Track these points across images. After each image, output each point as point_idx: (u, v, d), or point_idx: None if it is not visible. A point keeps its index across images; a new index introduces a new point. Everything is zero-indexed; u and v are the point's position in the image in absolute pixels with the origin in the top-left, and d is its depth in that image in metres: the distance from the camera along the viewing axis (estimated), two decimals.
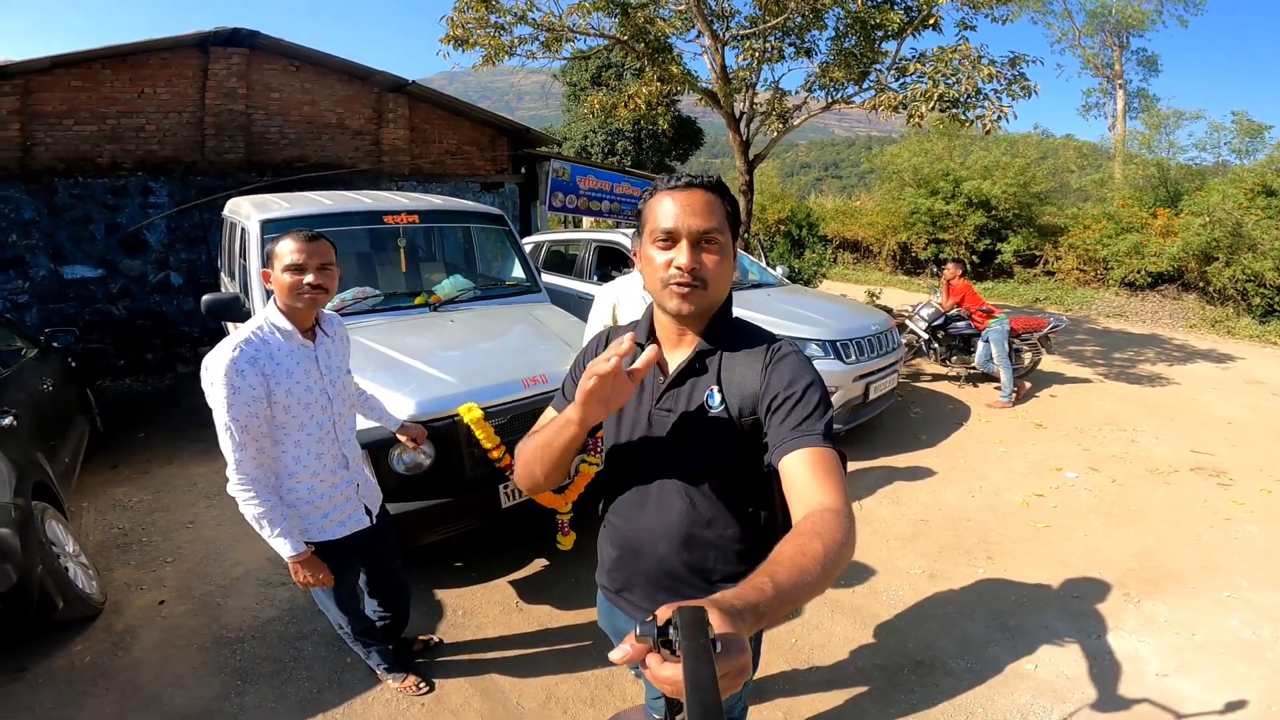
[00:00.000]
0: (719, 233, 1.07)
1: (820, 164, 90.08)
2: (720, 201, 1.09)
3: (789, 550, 0.82)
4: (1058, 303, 12.19)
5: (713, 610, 0.61)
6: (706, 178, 1.10)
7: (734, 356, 1.13)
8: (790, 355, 1.12)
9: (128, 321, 6.57)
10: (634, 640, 0.61)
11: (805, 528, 0.86)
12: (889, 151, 16.61)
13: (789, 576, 0.76)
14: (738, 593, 0.70)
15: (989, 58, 5.93)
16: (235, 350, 1.61)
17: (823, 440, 1.00)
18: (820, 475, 0.96)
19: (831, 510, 0.90)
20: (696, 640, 0.56)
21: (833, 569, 0.81)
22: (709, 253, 1.07)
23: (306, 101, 7.53)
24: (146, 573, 3.01)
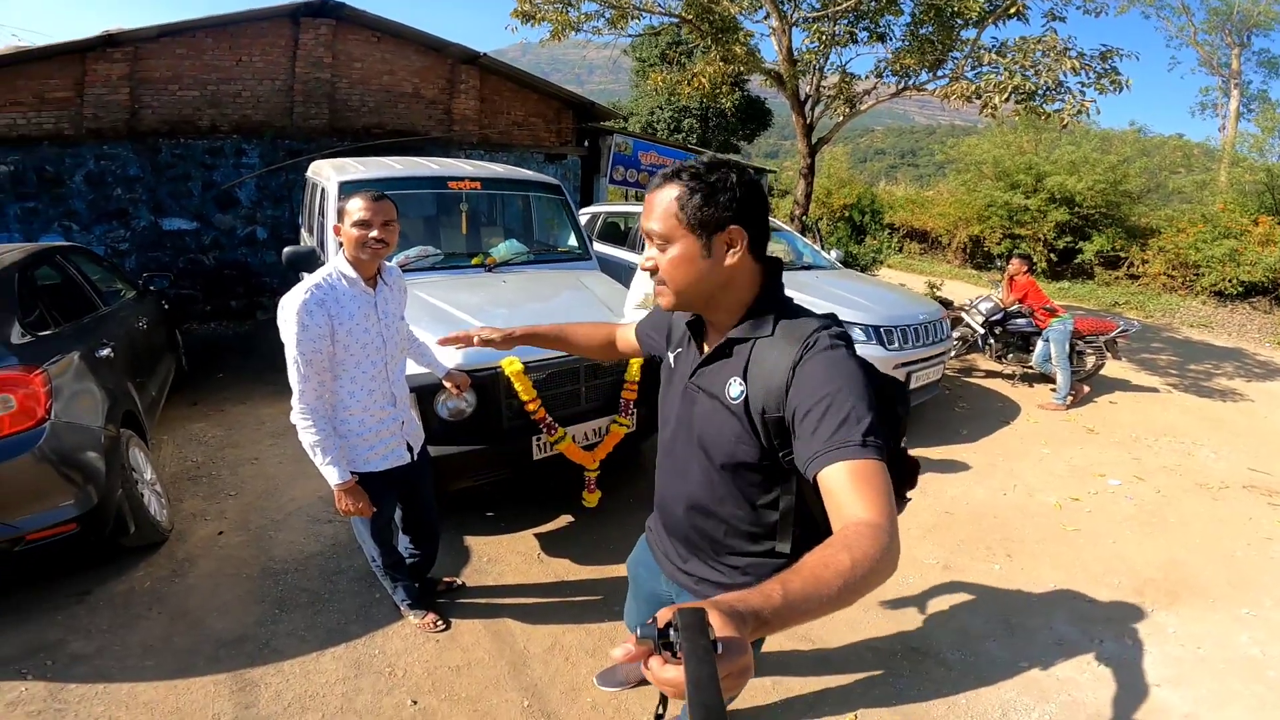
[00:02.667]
0: (663, 234, 1.07)
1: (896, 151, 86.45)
2: (673, 200, 1.05)
3: (813, 561, 0.79)
4: (1138, 308, 11.51)
5: (713, 612, 0.62)
6: (669, 174, 1.07)
7: (767, 347, 1.07)
8: (822, 354, 1.02)
9: (216, 271, 7.17)
10: (635, 642, 0.62)
11: (837, 540, 0.83)
12: (968, 142, 15.91)
13: (803, 587, 0.74)
14: (742, 596, 0.70)
15: (1076, 50, 5.64)
16: (307, 293, 1.83)
17: (860, 450, 0.93)
18: (859, 488, 0.90)
19: (868, 524, 0.85)
20: (697, 642, 0.56)
21: (860, 585, 0.78)
22: (662, 251, 1.08)
23: (386, 71, 7.90)
24: (211, 504, 3.31)
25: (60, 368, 2.52)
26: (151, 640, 2.34)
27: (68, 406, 2.44)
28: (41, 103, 6.18)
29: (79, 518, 2.34)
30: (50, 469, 2.29)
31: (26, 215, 6.20)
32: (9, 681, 2.12)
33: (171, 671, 2.19)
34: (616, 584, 2.82)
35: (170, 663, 2.24)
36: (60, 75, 6.22)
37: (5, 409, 2.21)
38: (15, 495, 2.23)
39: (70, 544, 2.36)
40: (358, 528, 2.24)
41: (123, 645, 2.30)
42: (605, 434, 3.03)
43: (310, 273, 3.50)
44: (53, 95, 6.23)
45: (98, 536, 2.48)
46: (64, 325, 2.92)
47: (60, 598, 2.53)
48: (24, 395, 2.25)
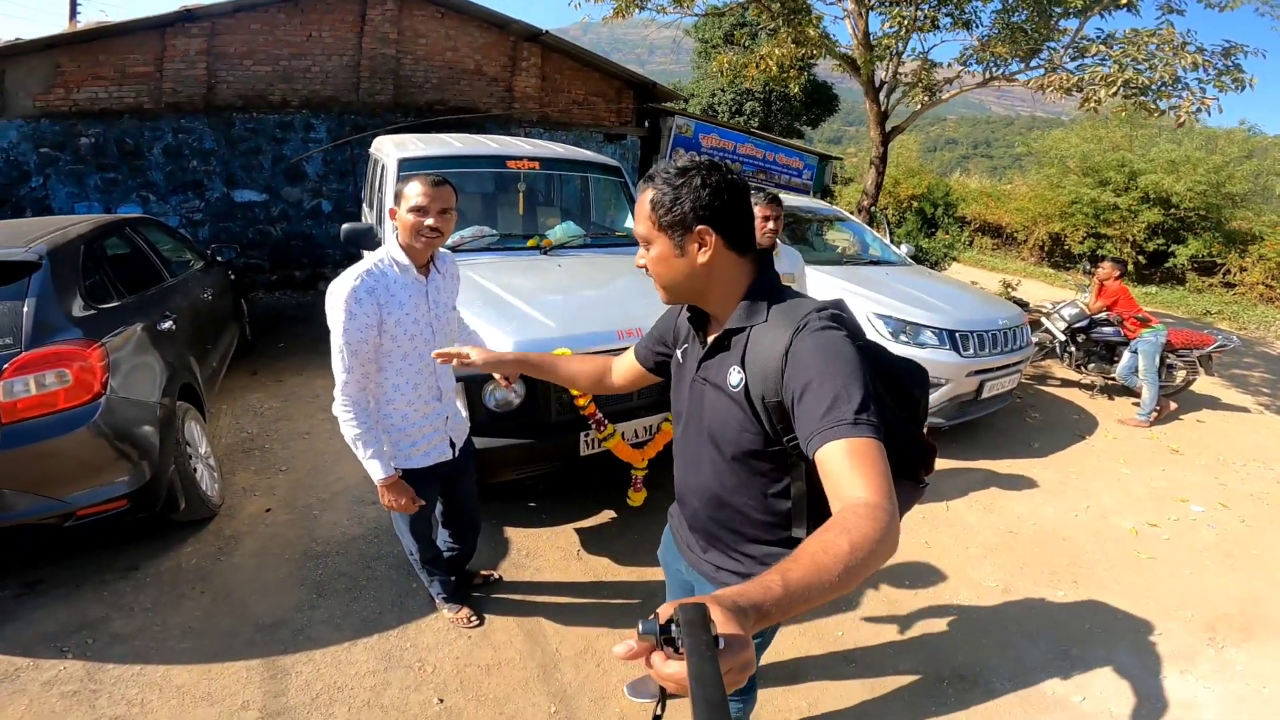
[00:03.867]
0: (643, 235, 1.14)
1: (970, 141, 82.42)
2: (648, 203, 1.10)
3: (812, 547, 0.79)
4: (1231, 319, 10.60)
5: (714, 607, 0.61)
6: (647, 176, 1.13)
7: (762, 334, 1.09)
8: (814, 334, 1.03)
9: (283, 242, 7.37)
10: (637, 638, 0.61)
11: (835, 523, 0.84)
12: (1053, 135, 14.95)
13: (804, 575, 0.74)
14: (742, 589, 0.70)
15: (1196, 45, 5.13)
16: (356, 280, 1.76)
17: (852, 428, 0.93)
18: (855, 466, 0.90)
19: (865, 504, 0.85)
20: (699, 637, 0.56)
21: (860, 567, 0.78)
22: (646, 250, 1.15)
23: (449, 48, 7.90)
24: (261, 479, 3.34)
25: (120, 341, 2.56)
26: (192, 621, 2.37)
27: (125, 381, 2.47)
28: (123, 77, 6.40)
29: (129, 494, 2.37)
30: (103, 444, 2.31)
31: (107, 185, 6.49)
32: (49, 660, 2.15)
33: (207, 655, 2.21)
34: (655, 588, 2.72)
35: (207, 646, 2.25)
36: (141, 50, 6.42)
37: (61, 383, 2.23)
38: (67, 471, 2.26)
39: (119, 520, 2.40)
40: (397, 521, 2.20)
41: (163, 625, 2.33)
42: (656, 432, 2.92)
43: (367, 249, 3.56)
44: (134, 70, 6.44)
45: (147, 513, 2.50)
46: (128, 297, 2.98)
47: (109, 573, 2.58)
48: (80, 369, 2.28)
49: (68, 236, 2.78)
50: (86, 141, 6.30)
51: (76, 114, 6.22)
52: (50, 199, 6.28)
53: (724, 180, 1.09)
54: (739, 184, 1.12)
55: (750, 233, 1.15)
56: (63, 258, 2.59)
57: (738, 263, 1.13)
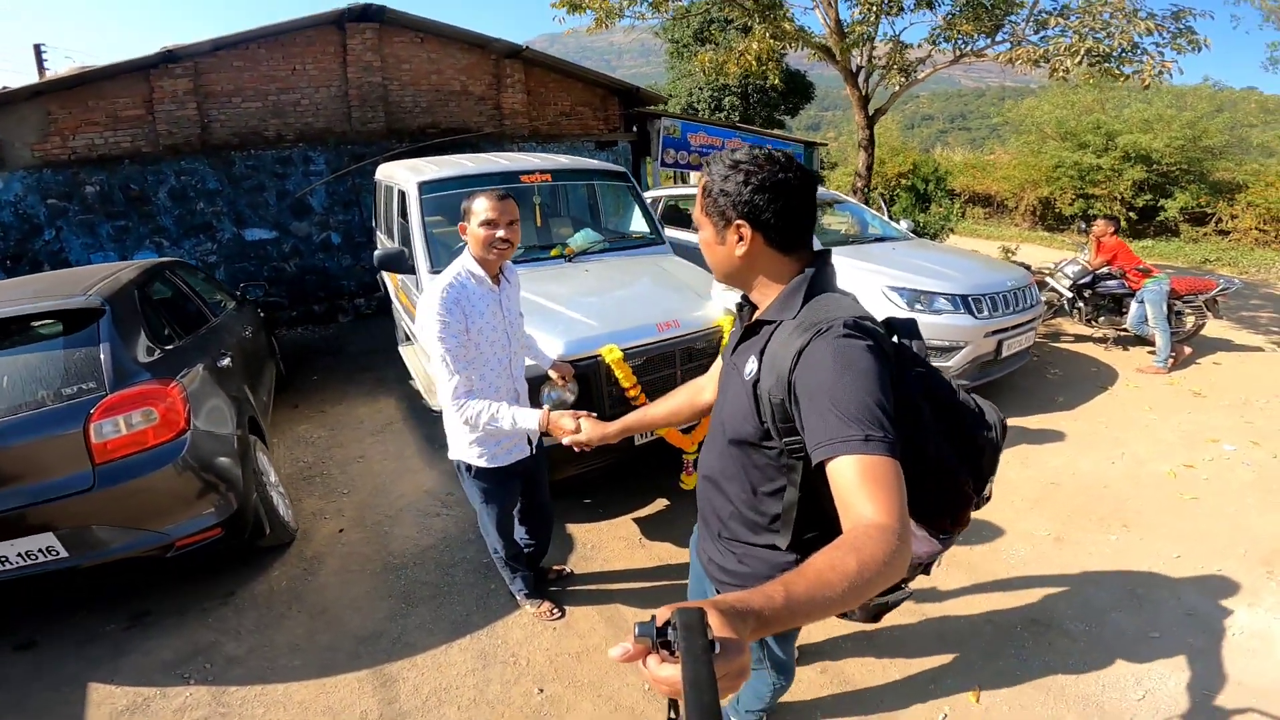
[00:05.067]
0: (695, 218, 1.18)
1: (945, 116, 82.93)
2: (701, 188, 1.15)
3: (819, 562, 0.79)
4: (1231, 264, 10.75)
5: (712, 612, 0.61)
6: (706, 162, 1.16)
7: (786, 330, 1.07)
8: (832, 341, 0.99)
9: (298, 277, 7.47)
10: (634, 640, 0.62)
11: (845, 541, 0.83)
12: (1026, 104, 15.19)
13: (807, 589, 0.75)
14: (742, 596, 0.70)
15: (1146, 10, 5.33)
16: (444, 292, 1.88)
17: (866, 444, 0.90)
18: (867, 485, 0.88)
19: (876, 525, 0.84)
20: (694, 641, 0.56)
21: (866, 588, 0.78)
22: (699, 233, 1.18)
23: (433, 71, 8.03)
24: (328, 503, 3.46)
25: (191, 379, 2.67)
26: (296, 639, 2.46)
27: (204, 416, 2.59)
28: (116, 121, 6.51)
29: (222, 523, 2.47)
30: (193, 477, 2.42)
31: (119, 234, 6.60)
32: (175, 687, 2.25)
33: (318, 670, 2.30)
34: None
35: (315, 661, 2.35)
36: (128, 93, 6.53)
37: (148, 422, 2.34)
38: (162, 504, 2.37)
39: (214, 547, 2.50)
40: (483, 520, 2.30)
41: (271, 645, 2.43)
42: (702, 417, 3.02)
43: (400, 273, 3.66)
44: (125, 113, 6.55)
45: (239, 539, 2.61)
46: (185, 338, 3.08)
47: (208, 600, 2.68)
48: (165, 408, 2.39)
49: (120, 282, 2.88)
50: (92, 190, 6.41)
51: (77, 162, 6.33)
52: (65, 251, 6.39)
53: (772, 178, 1.07)
54: (791, 182, 1.08)
55: (797, 231, 1.11)
56: (122, 302, 2.69)
57: (778, 259, 1.12)
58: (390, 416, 4.60)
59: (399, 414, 4.64)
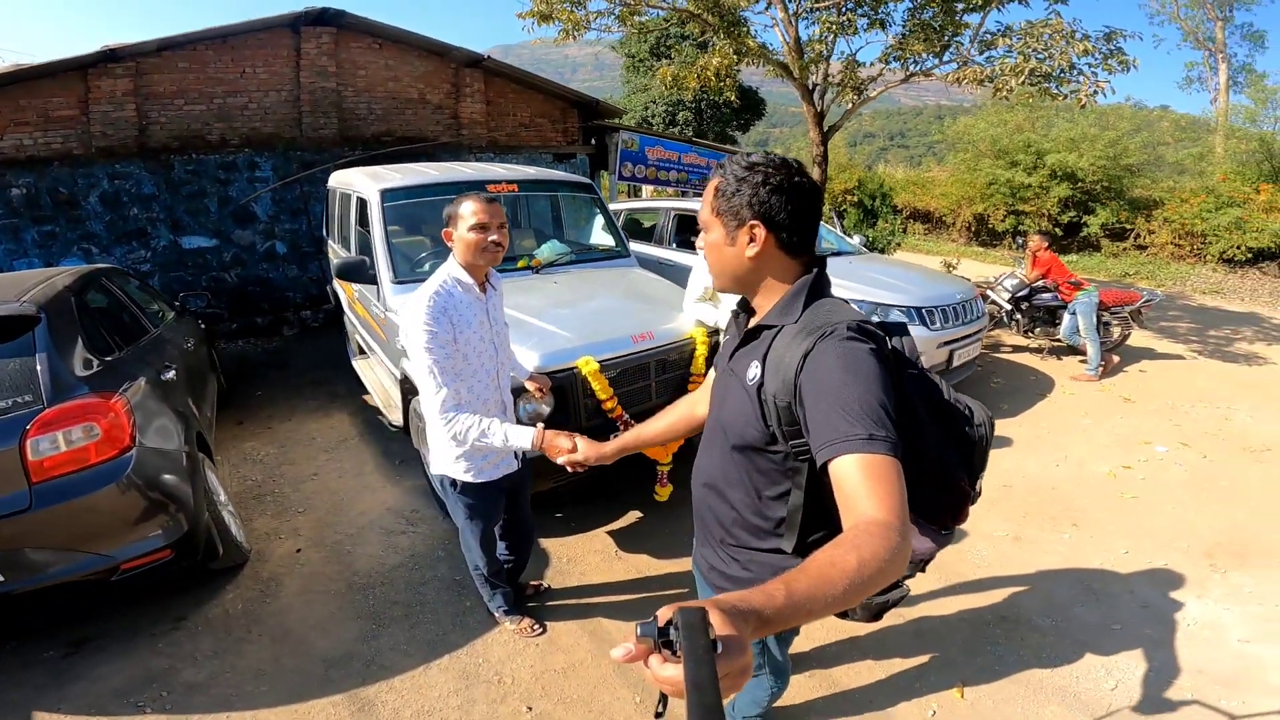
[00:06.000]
0: (703, 220, 1.18)
1: (885, 133, 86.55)
2: (712, 190, 1.15)
3: (820, 560, 0.80)
4: (1149, 277, 11.55)
5: (714, 611, 0.61)
6: (719, 164, 1.17)
7: (789, 335, 1.09)
8: (836, 344, 1.01)
9: (240, 288, 7.13)
10: (636, 640, 0.61)
11: (846, 539, 0.84)
12: (963, 122, 15.97)
13: (808, 587, 0.75)
14: (743, 595, 0.70)
15: (1083, 32, 5.70)
16: (430, 301, 1.81)
17: (868, 444, 0.92)
18: (869, 483, 0.89)
19: (877, 523, 0.85)
20: (696, 641, 0.56)
21: (866, 585, 0.78)
22: (705, 235, 1.19)
23: (390, 78, 7.86)
24: (282, 522, 3.29)
25: (134, 392, 2.50)
26: (260, 664, 2.33)
27: (148, 432, 2.42)
28: (47, 121, 6.12)
29: (173, 544, 2.31)
30: (139, 496, 2.27)
31: (44, 239, 6.16)
32: (128, 716, 2.10)
33: (288, 695, 2.18)
34: None
35: (284, 685, 2.22)
36: (64, 92, 6.16)
37: (90, 438, 2.18)
38: (106, 525, 2.21)
39: (164, 570, 2.34)
40: (465, 537, 2.23)
41: (233, 671, 2.29)
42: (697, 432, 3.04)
43: (361, 283, 3.55)
44: (58, 114, 6.16)
45: (191, 562, 2.45)
46: (125, 350, 2.89)
47: (156, 625, 2.51)
48: (108, 423, 2.22)
49: (56, 289, 2.69)
50: (18, 192, 5.98)
51: (3, 163, 5.90)
52: None
53: (788, 181, 1.09)
54: (805, 186, 1.11)
55: (805, 234, 1.13)
56: (59, 310, 2.52)
57: (786, 263, 1.14)
58: (344, 433, 4.43)
59: (353, 430, 4.47)
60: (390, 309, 3.37)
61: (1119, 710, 2.18)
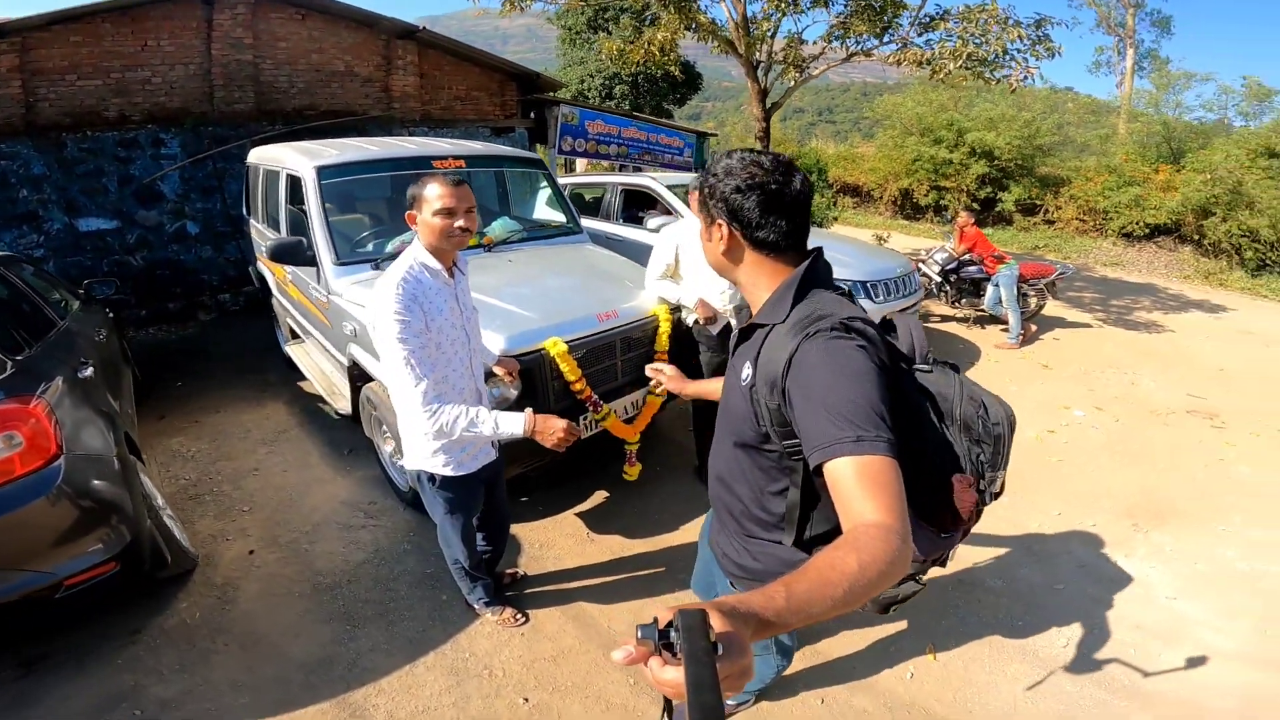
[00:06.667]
0: (697, 212, 1.21)
1: (814, 109, 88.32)
2: (697, 186, 1.19)
3: (820, 562, 0.80)
4: (1056, 250, 12.39)
5: (714, 613, 0.61)
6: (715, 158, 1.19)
7: (778, 334, 1.07)
8: (821, 342, 1.00)
9: (147, 272, 6.56)
10: (636, 643, 0.61)
11: (845, 541, 0.84)
12: (891, 100, 16.47)
13: (808, 589, 0.75)
14: (743, 598, 0.70)
15: (1015, 19, 5.96)
16: (398, 288, 1.70)
17: (862, 445, 0.90)
18: (866, 485, 0.88)
19: (877, 525, 0.85)
20: (697, 643, 0.56)
21: (867, 587, 0.78)
22: None
23: (314, 50, 7.37)
24: (227, 523, 3.09)
25: (53, 393, 2.25)
26: (235, 675, 2.20)
27: (75, 437, 2.20)
28: None
29: (117, 555, 2.13)
30: (73, 508, 2.06)
31: None
32: None
33: (273, 705, 2.07)
34: (675, 553, 2.86)
35: (266, 695, 2.11)
36: None
37: (12, 447, 1.95)
38: (42, 540, 2.00)
39: (111, 583, 2.16)
40: (445, 532, 2.16)
41: (207, 684, 2.15)
42: (642, 405, 3.04)
43: (298, 265, 3.33)
44: None
45: (139, 573, 2.27)
46: (35, 346, 2.61)
47: (109, 641, 2.33)
48: (30, 430, 2.01)
49: None
50: None
51: None
52: None
53: (752, 181, 1.07)
54: (771, 187, 1.08)
55: (780, 234, 1.10)
56: None
57: (760, 260, 1.13)
58: (282, 423, 4.19)
59: (292, 420, 4.23)
60: (334, 292, 3.19)
61: (1072, 664, 2.35)
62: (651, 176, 5.79)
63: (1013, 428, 1.17)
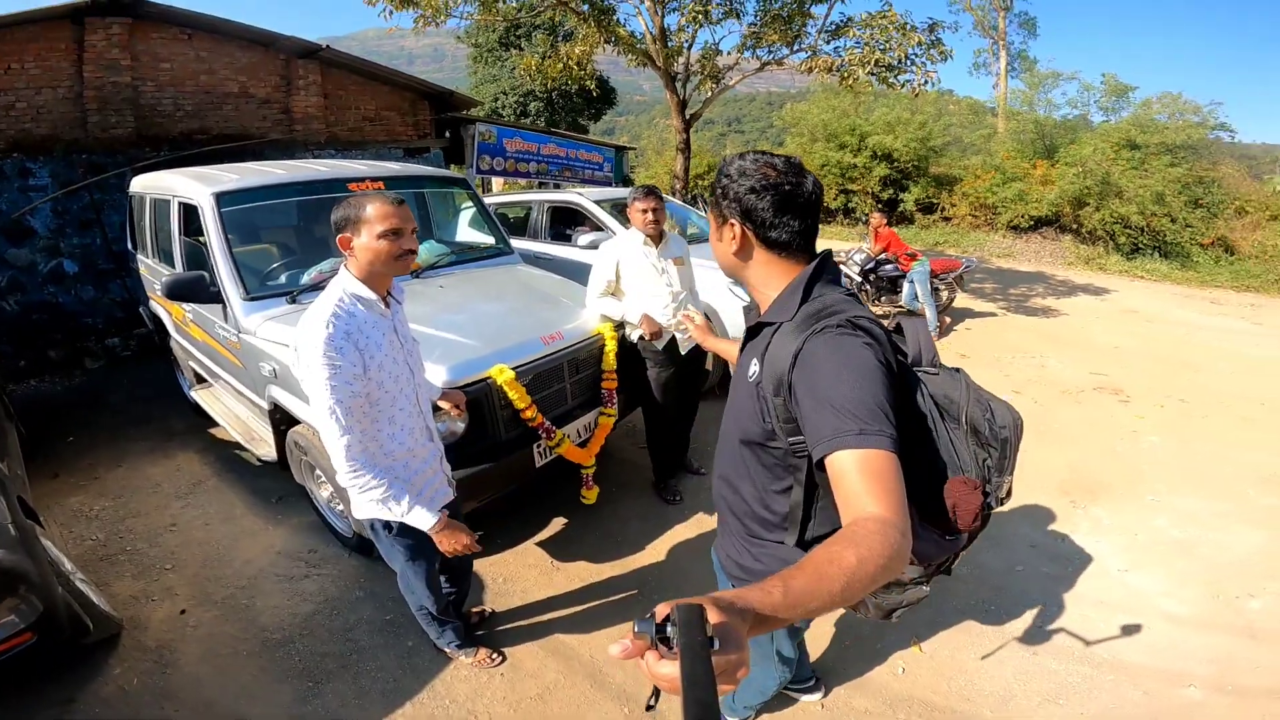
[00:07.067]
0: (709, 217, 1.23)
1: (724, 119, 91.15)
2: (711, 187, 1.21)
3: (818, 557, 0.79)
4: (955, 245, 13.28)
5: (711, 608, 0.61)
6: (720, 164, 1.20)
7: (784, 332, 1.09)
8: (827, 339, 1.01)
9: (21, 317, 5.85)
10: (632, 637, 0.61)
11: (843, 535, 0.83)
12: (798, 108, 17.20)
13: (805, 584, 0.74)
14: (740, 593, 0.70)
15: (911, 24, 6.33)
16: (328, 326, 1.52)
17: (864, 438, 0.91)
18: (866, 479, 0.89)
19: (876, 519, 0.85)
20: (693, 637, 0.56)
21: (866, 581, 0.77)
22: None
23: (203, 71, 6.88)
24: (149, 583, 2.81)
25: None
26: None
27: None
28: None
29: (32, 625, 1.92)
30: None
31: None
32: None
33: None
34: (646, 574, 2.80)
35: None
36: None
37: None
38: None
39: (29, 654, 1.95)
40: (407, 579, 2.00)
41: None
42: (595, 427, 2.97)
43: (200, 302, 3.05)
44: None
45: (59, 640, 2.05)
46: None
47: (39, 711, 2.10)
48: None
49: None
50: None
51: None
52: None
53: (768, 182, 1.10)
54: (784, 188, 1.10)
55: (791, 234, 1.12)
56: None
57: (771, 259, 1.15)
58: (196, 474, 3.82)
59: (207, 470, 3.87)
60: (246, 330, 2.94)
61: (1051, 644, 2.42)
62: (578, 192, 5.74)
63: (1019, 431, 1.17)
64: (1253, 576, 2.82)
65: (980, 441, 1.15)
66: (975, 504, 1.11)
